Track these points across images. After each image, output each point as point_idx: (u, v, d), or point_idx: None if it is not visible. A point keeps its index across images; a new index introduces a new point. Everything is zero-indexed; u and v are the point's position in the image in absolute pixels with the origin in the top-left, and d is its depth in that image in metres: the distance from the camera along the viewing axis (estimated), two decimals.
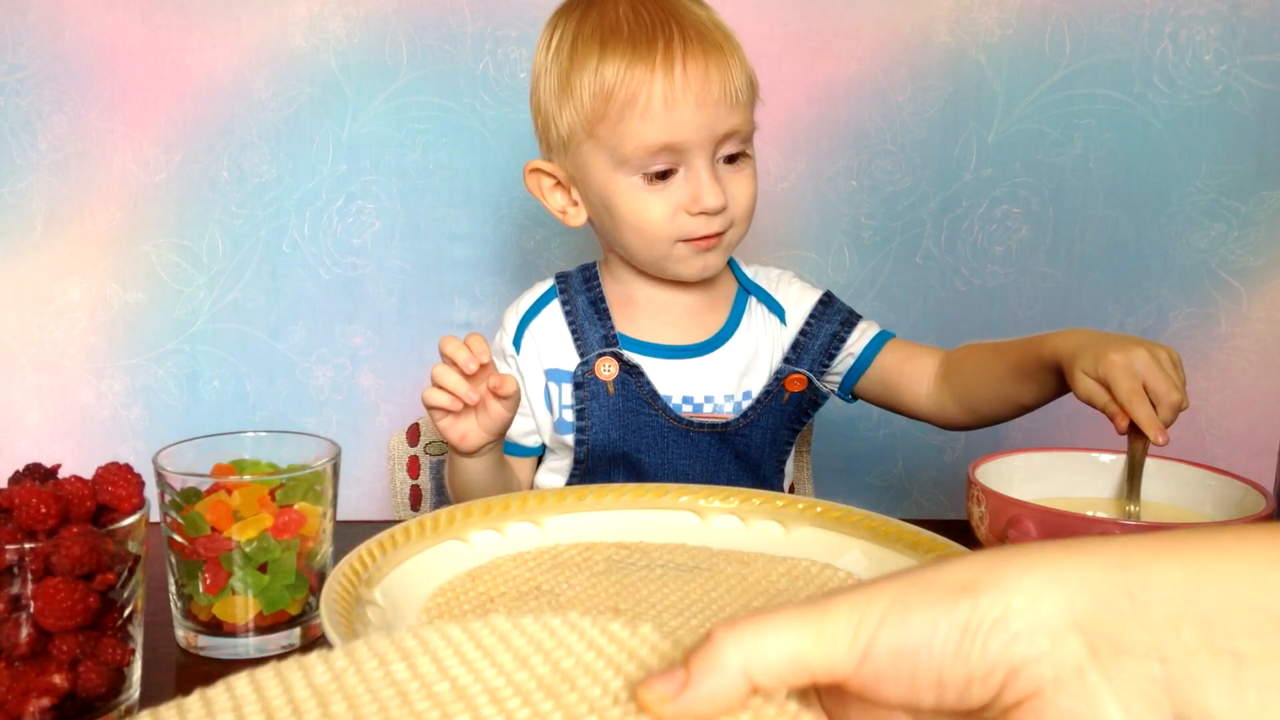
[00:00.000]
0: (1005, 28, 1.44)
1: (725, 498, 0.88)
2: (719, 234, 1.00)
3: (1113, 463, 0.86)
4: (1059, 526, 0.71)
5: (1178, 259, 1.48)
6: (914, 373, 1.06)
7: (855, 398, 1.11)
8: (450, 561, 0.80)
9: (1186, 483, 0.82)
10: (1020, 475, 0.83)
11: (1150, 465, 0.84)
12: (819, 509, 0.85)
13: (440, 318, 1.52)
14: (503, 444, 1.00)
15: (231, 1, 1.44)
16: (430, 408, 0.93)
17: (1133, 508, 0.82)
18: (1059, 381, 0.91)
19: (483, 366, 0.90)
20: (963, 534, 0.80)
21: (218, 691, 0.45)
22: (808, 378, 1.06)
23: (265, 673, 0.46)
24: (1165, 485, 0.83)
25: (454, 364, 0.91)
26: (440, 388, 0.92)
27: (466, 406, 0.92)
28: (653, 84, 0.95)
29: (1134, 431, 0.80)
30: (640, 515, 0.88)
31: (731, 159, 1.00)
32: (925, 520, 0.84)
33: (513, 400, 0.93)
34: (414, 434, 1.25)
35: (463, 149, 1.47)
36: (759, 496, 0.88)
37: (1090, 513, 0.73)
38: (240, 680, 0.46)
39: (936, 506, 1.55)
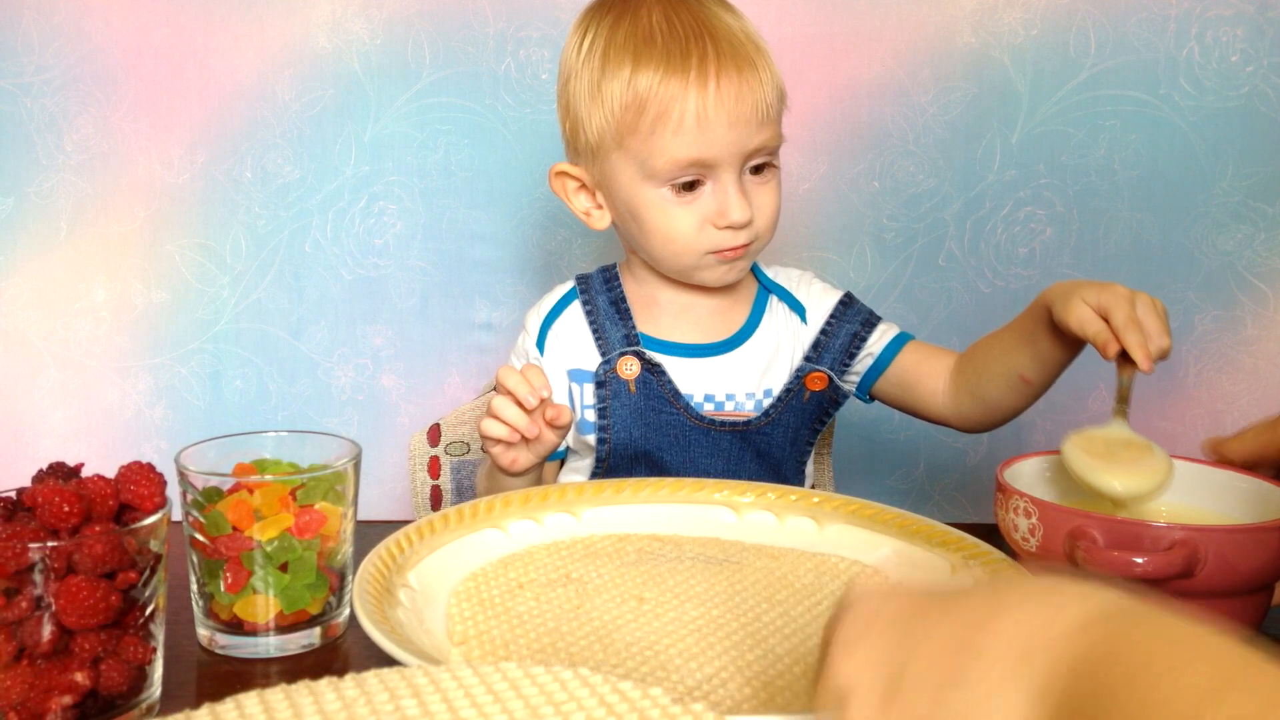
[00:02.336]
0: (1029, 28, 1.43)
1: (761, 493, 0.90)
2: (745, 245, 1.01)
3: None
4: (1126, 535, 0.70)
5: (1203, 262, 1.46)
6: (931, 373, 1.06)
7: (874, 399, 1.11)
8: (486, 549, 0.82)
9: (1215, 485, 0.81)
10: (1048, 478, 0.83)
11: (1177, 469, 0.83)
12: (853, 507, 0.87)
13: (462, 318, 1.52)
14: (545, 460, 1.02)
15: (255, 3, 1.44)
16: (486, 438, 0.94)
17: (1120, 431, 0.84)
18: (1055, 340, 0.92)
19: (542, 400, 0.92)
20: (988, 536, 0.80)
21: (227, 708, 0.46)
22: (829, 376, 1.05)
23: (276, 694, 0.46)
24: (1193, 489, 0.82)
25: (513, 397, 0.92)
26: (500, 420, 0.93)
27: (523, 437, 0.93)
28: (686, 100, 0.95)
29: (1123, 359, 0.83)
30: (677, 509, 0.89)
31: (758, 169, 1.01)
32: (948, 523, 0.84)
33: (566, 428, 0.95)
34: (435, 434, 1.25)
35: (484, 150, 1.48)
36: (795, 493, 0.89)
37: (1161, 523, 0.71)
38: (250, 699, 0.46)
39: (958, 509, 1.54)
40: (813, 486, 1.20)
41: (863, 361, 1.08)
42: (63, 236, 1.48)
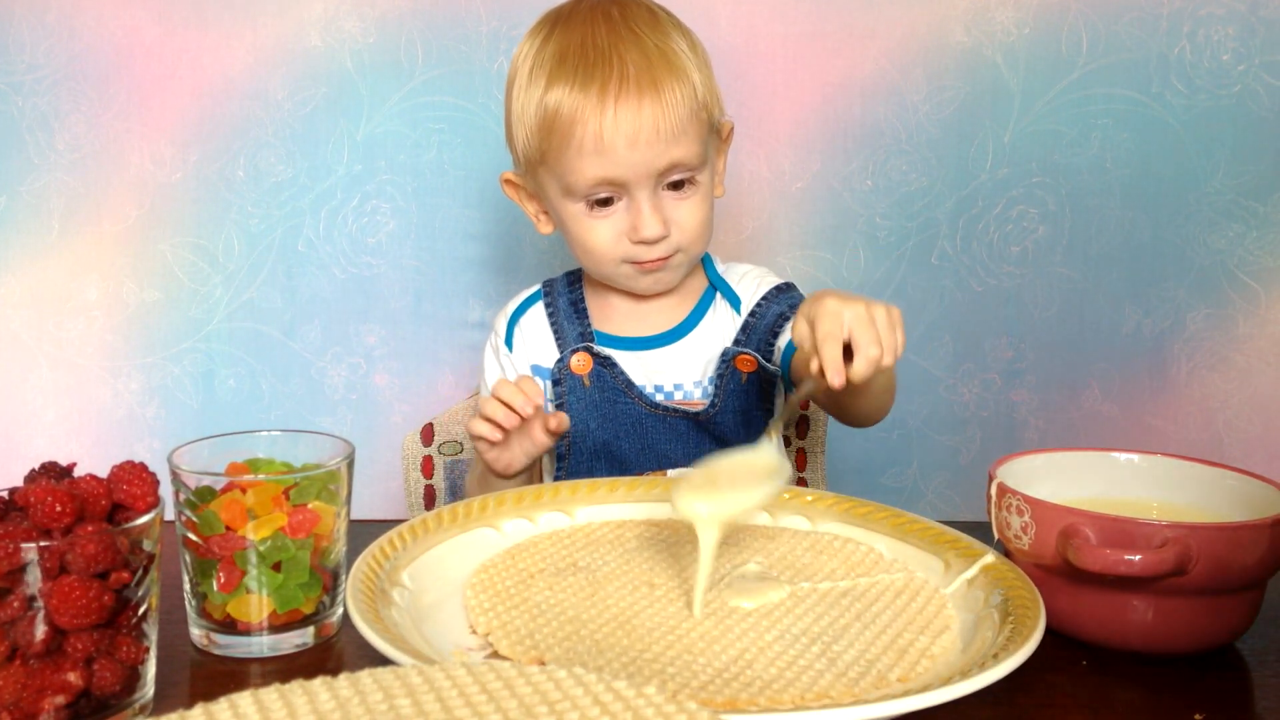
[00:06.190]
0: (1022, 27, 1.43)
1: None
2: (664, 258, 1.04)
3: (1137, 462, 0.85)
4: (1119, 533, 0.70)
5: (1195, 260, 1.47)
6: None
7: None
8: (480, 548, 0.83)
9: (1206, 483, 0.81)
10: (1041, 477, 0.83)
11: (1170, 467, 0.83)
12: (846, 505, 0.88)
13: (454, 317, 1.52)
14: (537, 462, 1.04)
15: (247, 2, 1.44)
16: (476, 437, 0.97)
17: (777, 426, 0.82)
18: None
19: (536, 408, 0.94)
20: (981, 534, 0.80)
21: (221, 708, 0.46)
22: (755, 358, 1.07)
23: (270, 693, 0.46)
24: (1185, 487, 0.82)
25: (510, 408, 0.94)
26: (488, 420, 0.95)
27: (506, 436, 0.95)
28: (586, 124, 0.98)
29: (819, 372, 0.78)
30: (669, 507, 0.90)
31: (677, 185, 1.03)
32: (940, 522, 0.84)
33: (564, 433, 0.98)
34: (428, 434, 1.25)
35: (477, 148, 1.47)
36: (788, 491, 0.90)
37: (1153, 521, 0.72)
38: (244, 698, 0.46)
39: (951, 508, 1.54)
40: (804, 483, 1.20)
41: (780, 343, 1.09)
42: (55, 235, 1.48)
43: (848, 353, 0.78)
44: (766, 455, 0.80)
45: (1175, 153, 1.45)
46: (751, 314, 1.09)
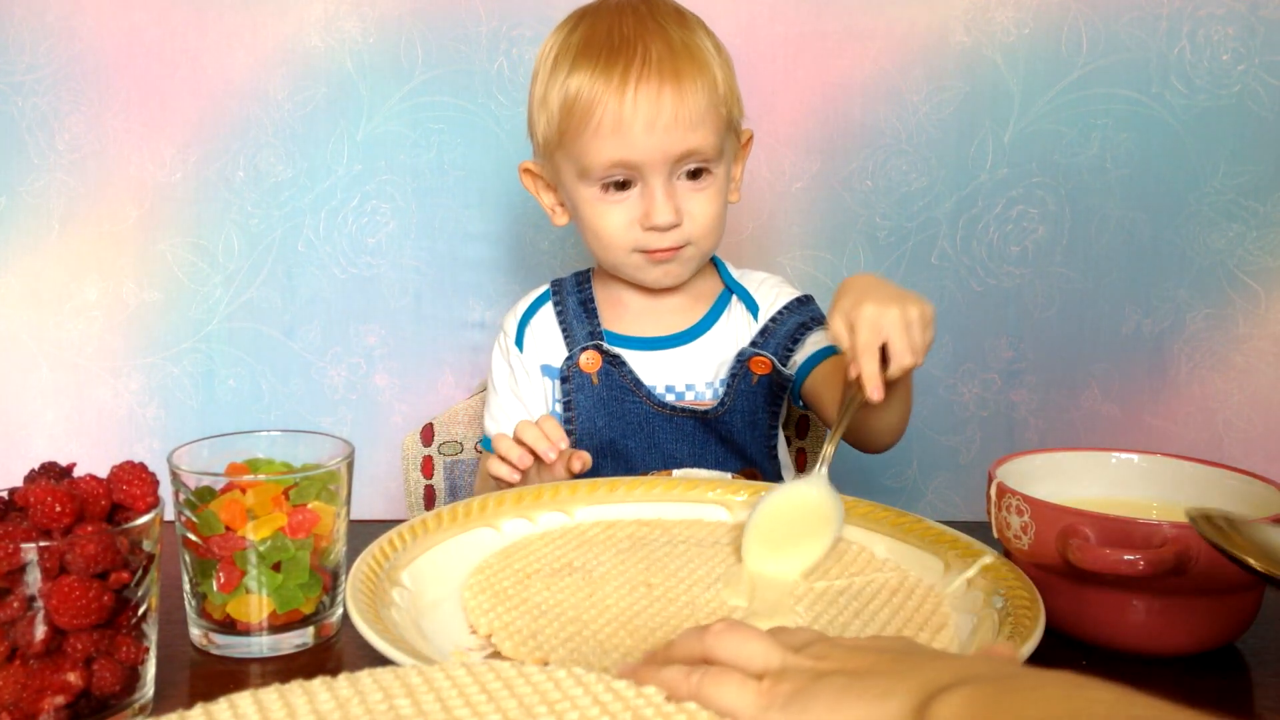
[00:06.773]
0: (1022, 27, 1.43)
1: (754, 492, 0.91)
2: (675, 248, 1.05)
3: (1137, 462, 0.85)
4: (1119, 533, 0.70)
5: (1195, 260, 1.47)
6: (835, 388, 1.02)
7: (806, 404, 1.10)
8: (480, 547, 0.84)
9: (1206, 483, 0.81)
10: (1041, 477, 0.83)
11: (1170, 467, 0.83)
12: (845, 505, 0.87)
13: (455, 317, 1.52)
14: None
15: (248, 2, 1.44)
16: (493, 477, 0.97)
17: (829, 449, 0.84)
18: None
19: (560, 451, 0.94)
20: (981, 534, 0.80)
21: (221, 708, 0.46)
22: (771, 361, 1.07)
23: (269, 693, 0.46)
24: (1185, 487, 0.82)
25: (533, 451, 0.93)
26: (505, 461, 0.95)
27: (524, 475, 0.95)
28: (606, 104, 0.99)
29: (858, 381, 0.81)
30: (672, 508, 0.91)
31: (693, 175, 1.04)
32: (941, 522, 0.84)
33: (585, 469, 0.98)
34: (428, 434, 1.25)
35: (477, 149, 1.47)
36: None
37: (1153, 520, 0.72)
38: (244, 698, 0.46)
39: (951, 508, 1.54)
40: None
41: (798, 357, 1.09)
42: (55, 235, 1.48)
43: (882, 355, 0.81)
44: (821, 493, 0.83)
45: (1175, 153, 1.45)
46: (772, 319, 1.10)
